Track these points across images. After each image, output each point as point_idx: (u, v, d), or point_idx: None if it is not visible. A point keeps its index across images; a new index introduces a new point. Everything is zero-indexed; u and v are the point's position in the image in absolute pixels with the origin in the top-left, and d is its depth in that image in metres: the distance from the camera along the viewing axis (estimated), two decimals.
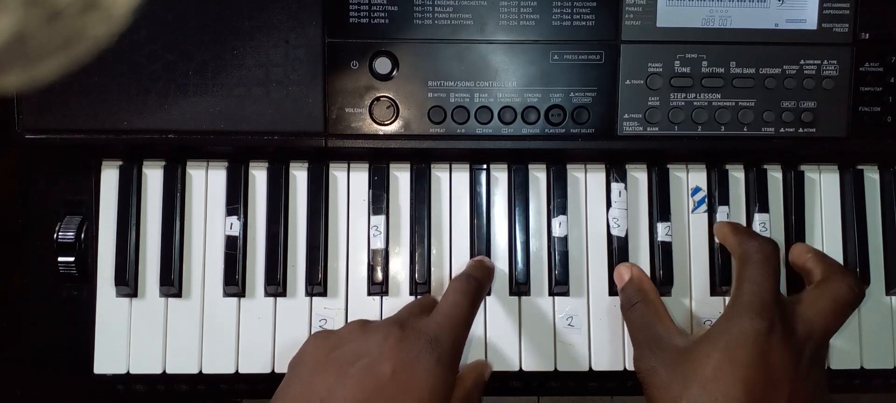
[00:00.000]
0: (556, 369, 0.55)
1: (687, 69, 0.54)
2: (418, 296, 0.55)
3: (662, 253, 0.56)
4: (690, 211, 0.57)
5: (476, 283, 0.50)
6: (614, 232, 0.56)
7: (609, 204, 0.56)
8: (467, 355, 0.55)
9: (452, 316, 0.48)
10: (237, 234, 0.55)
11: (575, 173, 0.57)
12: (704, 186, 0.57)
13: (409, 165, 0.56)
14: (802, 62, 0.54)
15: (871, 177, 0.58)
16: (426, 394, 0.44)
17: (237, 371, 0.54)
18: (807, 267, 0.54)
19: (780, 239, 0.57)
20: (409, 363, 0.45)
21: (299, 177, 0.56)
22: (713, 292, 0.56)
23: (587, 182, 0.57)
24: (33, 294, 0.55)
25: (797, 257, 0.55)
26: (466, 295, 0.49)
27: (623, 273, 0.54)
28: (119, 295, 0.54)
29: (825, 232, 0.58)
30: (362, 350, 0.46)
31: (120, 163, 0.55)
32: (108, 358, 0.54)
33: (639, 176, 0.57)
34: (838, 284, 0.49)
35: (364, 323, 0.48)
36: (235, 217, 0.55)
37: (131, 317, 0.54)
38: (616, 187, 0.56)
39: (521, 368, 0.55)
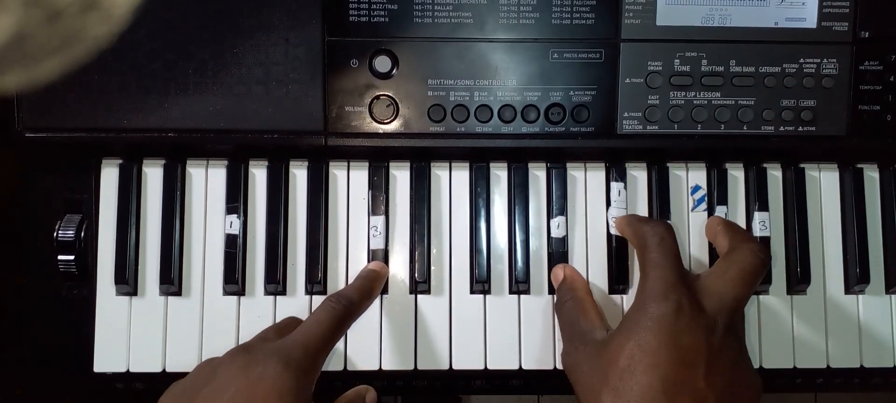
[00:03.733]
0: (555, 368, 0.55)
1: (686, 68, 0.54)
2: (418, 296, 0.55)
3: None
4: (690, 209, 0.57)
5: (346, 303, 0.50)
6: (614, 231, 0.56)
7: (608, 204, 0.56)
8: (471, 352, 0.55)
9: (309, 333, 0.48)
10: (237, 233, 0.55)
11: (574, 172, 0.57)
12: (704, 185, 0.57)
13: (408, 164, 0.56)
14: (802, 61, 0.54)
15: (871, 175, 0.58)
16: (274, 399, 0.44)
17: None
18: (717, 240, 0.54)
19: (779, 237, 0.57)
20: (255, 377, 0.44)
21: (299, 175, 0.56)
22: None
23: (587, 181, 0.57)
24: (33, 293, 0.55)
25: (708, 230, 0.56)
26: (331, 312, 0.49)
27: (558, 273, 0.55)
28: (119, 293, 0.54)
29: (825, 231, 0.58)
30: (209, 381, 0.45)
31: (120, 161, 0.55)
32: (108, 357, 0.54)
33: (638, 174, 0.57)
34: (743, 253, 0.50)
35: (210, 360, 0.48)
36: (235, 215, 0.55)
37: (131, 316, 0.54)
38: (615, 186, 0.56)
39: (520, 367, 0.55)
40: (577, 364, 0.49)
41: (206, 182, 0.56)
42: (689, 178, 0.57)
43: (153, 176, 0.56)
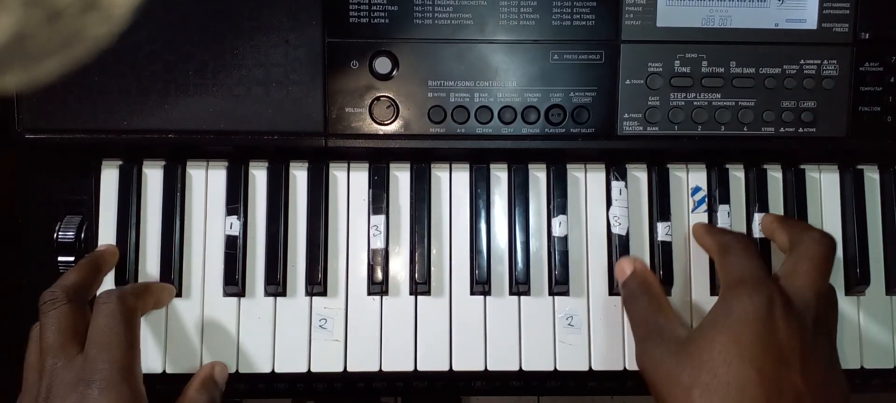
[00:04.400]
0: (556, 369, 0.55)
1: (687, 69, 0.54)
2: (418, 297, 0.55)
3: (662, 253, 0.56)
4: (690, 210, 0.57)
5: (128, 300, 0.48)
6: (615, 230, 0.56)
7: (609, 203, 0.56)
8: (471, 353, 0.55)
9: (102, 343, 0.46)
10: (237, 234, 0.55)
11: (575, 173, 0.57)
12: (704, 186, 0.57)
13: (409, 165, 0.56)
14: (802, 62, 0.54)
15: (871, 176, 0.58)
16: None
17: (237, 370, 0.54)
18: (775, 237, 0.54)
19: None
20: None
21: (299, 176, 0.56)
22: (713, 292, 0.56)
23: (587, 182, 0.57)
24: (33, 293, 0.55)
25: (764, 228, 0.56)
26: (115, 315, 0.47)
27: (625, 266, 0.54)
28: None
29: None
30: None
31: (120, 162, 0.55)
32: None
33: (639, 175, 0.57)
34: (807, 244, 0.49)
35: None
36: (235, 216, 0.55)
37: None
38: (616, 185, 0.56)
39: (521, 368, 0.55)
40: (659, 361, 0.47)
41: (207, 183, 0.56)
42: (689, 180, 0.57)
43: (153, 177, 0.56)
